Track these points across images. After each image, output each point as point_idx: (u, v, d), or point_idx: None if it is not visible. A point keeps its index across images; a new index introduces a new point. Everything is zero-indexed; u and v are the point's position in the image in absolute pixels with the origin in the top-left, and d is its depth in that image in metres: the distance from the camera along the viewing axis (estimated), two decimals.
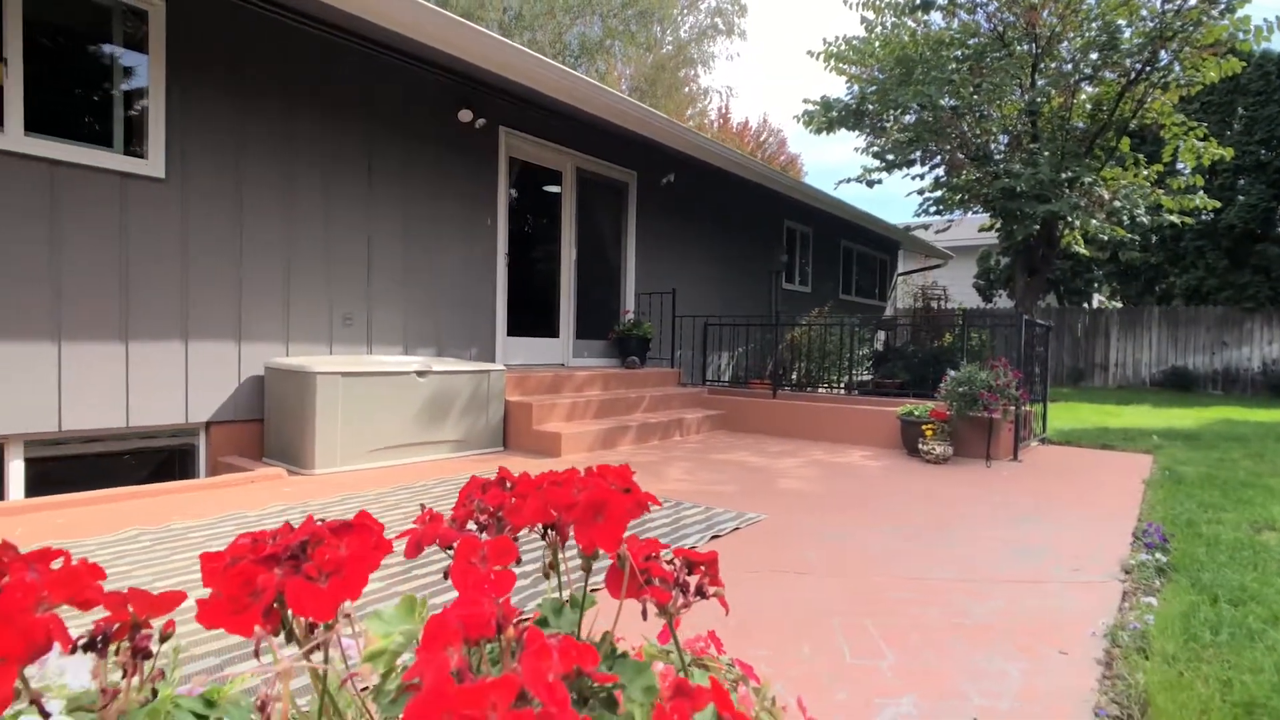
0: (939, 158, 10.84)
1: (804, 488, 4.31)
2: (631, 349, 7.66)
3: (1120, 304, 17.98)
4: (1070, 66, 9.71)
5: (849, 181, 11.22)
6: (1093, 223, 9.26)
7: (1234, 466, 5.28)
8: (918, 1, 9.90)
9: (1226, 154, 9.69)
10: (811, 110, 11.03)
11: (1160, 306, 15.70)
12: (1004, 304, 17.93)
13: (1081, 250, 11.28)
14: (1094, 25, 9.25)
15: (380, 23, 4.73)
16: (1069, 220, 9.52)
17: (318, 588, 0.48)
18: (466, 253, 6.15)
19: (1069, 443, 6.44)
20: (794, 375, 8.81)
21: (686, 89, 21.83)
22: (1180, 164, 10.47)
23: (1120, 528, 3.41)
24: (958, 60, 9.74)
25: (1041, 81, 9.68)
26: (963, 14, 10.10)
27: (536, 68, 5.71)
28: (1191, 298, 15.36)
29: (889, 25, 10.54)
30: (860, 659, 1.94)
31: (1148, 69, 9.24)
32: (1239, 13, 8.59)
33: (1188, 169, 10.25)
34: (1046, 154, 9.39)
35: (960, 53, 9.90)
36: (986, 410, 5.23)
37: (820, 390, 7.96)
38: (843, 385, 8.01)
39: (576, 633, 0.68)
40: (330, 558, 0.50)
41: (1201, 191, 10.02)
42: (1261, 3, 13.00)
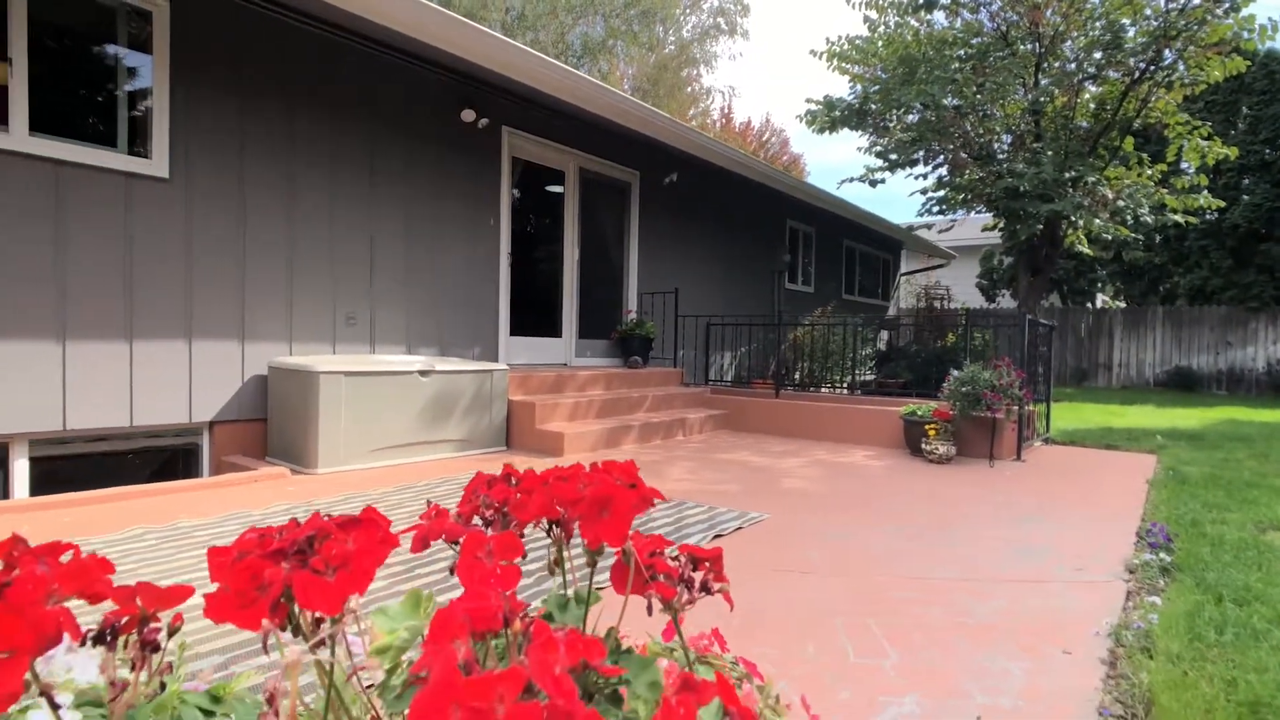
0: (942, 157, 10.82)
1: (807, 487, 4.31)
2: (634, 349, 7.67)
3: (1124, 304, 17.94)
4: (1074, 66, 9.69)
5: (852, 181, 11.21)
6: (1096, 222, 9.24)
7: (1238, 467, 5.27)
8: (921, 1, 9.89)
9: (1231, 153, 9.66)
10: (814, 110, 11.03)
11: (1164, 306, 15.66)
12: (1007, 304, 17.90)
13: (1085, 250, 11.26)
14: (1098, 24, 9.24)
15: (383, 22, 4.74)
16: (1072, 220, 9.50)
17: (325, 581, 0.48)
18: (469, 252, 6.15)
19: (1072, 443, 6.43)
20: (797, 375, 8.81)
21: (689, 89, 21.83)
22: (1184, 163, 10.44)
23: (1124, 528, 3.41)
24: (961, 59, 9.73)
25: (1045, 81, 9.66)
26: (966, 13, 10.10)
27: (539, 67, 5.71)
28: (1195, 297, 15.32)
29: (892, 24, 10.53)
30: (863, 658, 1.93)
31: (1152, 68, 9.22)
32: (1243, 11, 8.57)
33: (1192, 168, 10.22)
34: (1050, 153, 9.37)
35: (963, 52, 9.89)
36: (990, 410, 5.22)
37: (823, 390, 7.96)
38: (845, 385, 8.00)
39: (582, 628, 0.68)
40: (337, 552, 0.50)
41: (1206, 191, 9.99)
42: (1265, 2, 12.97)
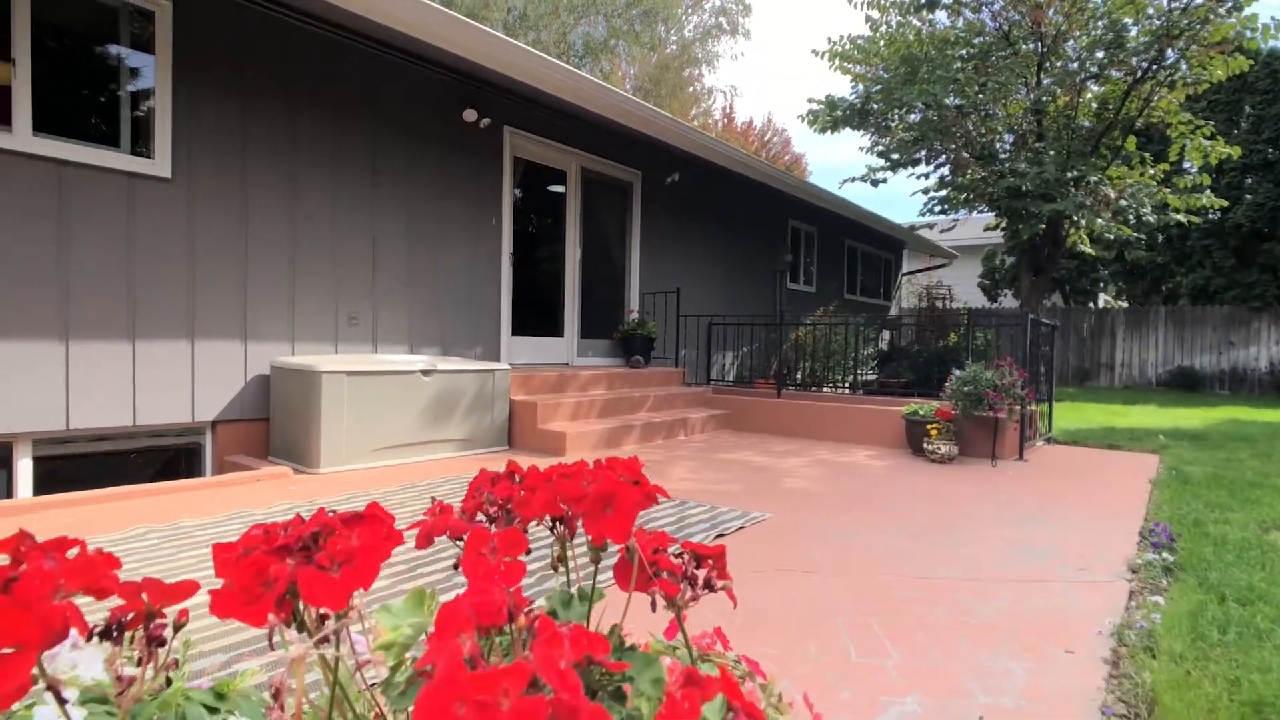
0: (944, 157, 10.82)
1: (809, 487, 4.31)
2: (636, 348, 7.67)
3: (1126, 303, 17.91)
4: (1076, 65, 9.68)
5: (853, 181, 11.20)
6: (1098, 222, 9.23)
7: (1241, 466, 5.26)
8: (923, 0, 9.89)
9: (1234, 152, 9.64)
10: (816, 109, 11.03)
11: (1166, 306, 15.63)
12: (1009, 303, 17.88)
13: (1087, 249, 11.25)
14: (1100, 23, 9.22)
15: (385, 22, 4.75)
16: (1074, 219, 9.49)
17: (330, 577, 0.48)
18: (471, 252, 6.16)
19: (1075, 442, 6.42)
20: (798, 375, 8.80)
21: (691, 89, 21.82)
22: (1187, 162, 10.42)
23: (1126, 527, 3.40)
24: (963, 59, 9.72)
25: (1047, 80, 9.64)
26: (968, 13, 10.09)
27: (541, 67, 5.71)
28: (1198, 297, 15.29)
29: (894, 24, 10.53)
30: (865, 657, 1.93)
31: (1154, 67, 9.21)
32: (1246, 10, 8.55)
33: (1194, 167, 10.19)
34: (1052, 153, 9.36)
35: (965, 51, 9.88)
36: (992, 410, 5.21)
37: (825, 390, 7.95)
38: (847, 385, 7.99)
39: (585, 625, 0.68)
40: (342, 548, 0.50)
41: (1208, 190, 9.98)
42: (1267, 1, 12.94)
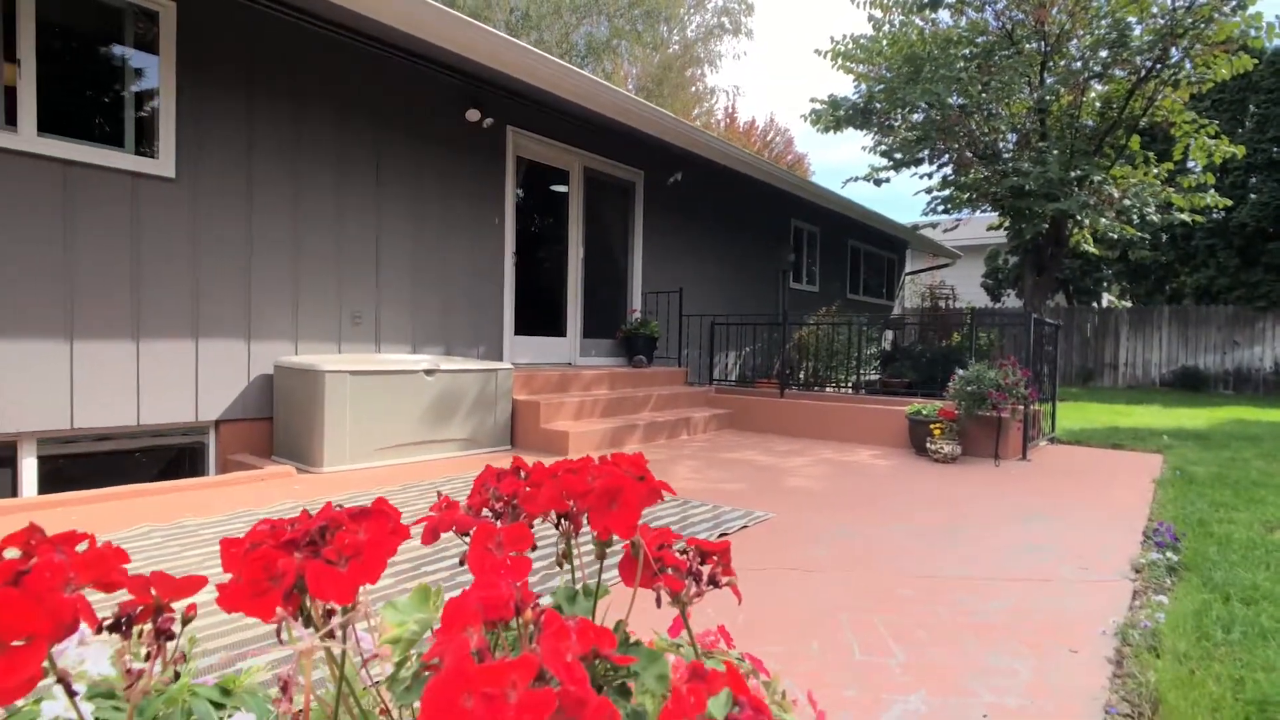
0: (947, 156, 10.81)
1: (812, 486, 4.30)
2: (638, 348, 7.67)
3: (1130, 303, 17.87)
4: (1080, 64, 9.67)
5: (856, 180, 11.21)
6: (1102, 221, 9.21)
7: (1246, 466, 5.24)
8: (925, 0, 9.88)
9: (1238, 152, 9.62)
10: (819, 109, 11.03)
11: (1170, 306, 15.59)
12: (1012, 303, 17.86)
13: (1091, 249, 11.23)
14: (1104, 22, 9.21)
15: (389, 22, 4.75)
16: (1078, 219, 9.48)
17: (337, 571, 0.49)
18: (474, 252, 6.16)
19: (1078, 442, 6.40)
20: (801, 374, 8.80)
21: (693, 88, 21.81)
22: (1191, 162, 10.40)
23: (1130, 527, 3.40)
24: (966, 58, 9.71)
25: (1050, 79, 9.64)
26: (971, 12, 10.08)
27: (543, 67, 5.72)
28: (1202, 297, 15.24)
29: (897, 23, 10.53)
30: (869, 656, 1.93)
31: (1158, 66, 9.19)
32: (1250, 9, 8.54)
33: (1199, 167, 10.17)
34: (1055, 152, 9.34)
35: (968, 51, 9.87)
36: (995, 409, 5.20)
37: (828, 389, 7.95)
38: (850, 385, 7.99)
39: (591, 620, 0.68)
40: (349, 542, 0.50)
41: (1212, 190, 9.96)
42: (1273, 1, 12.92)
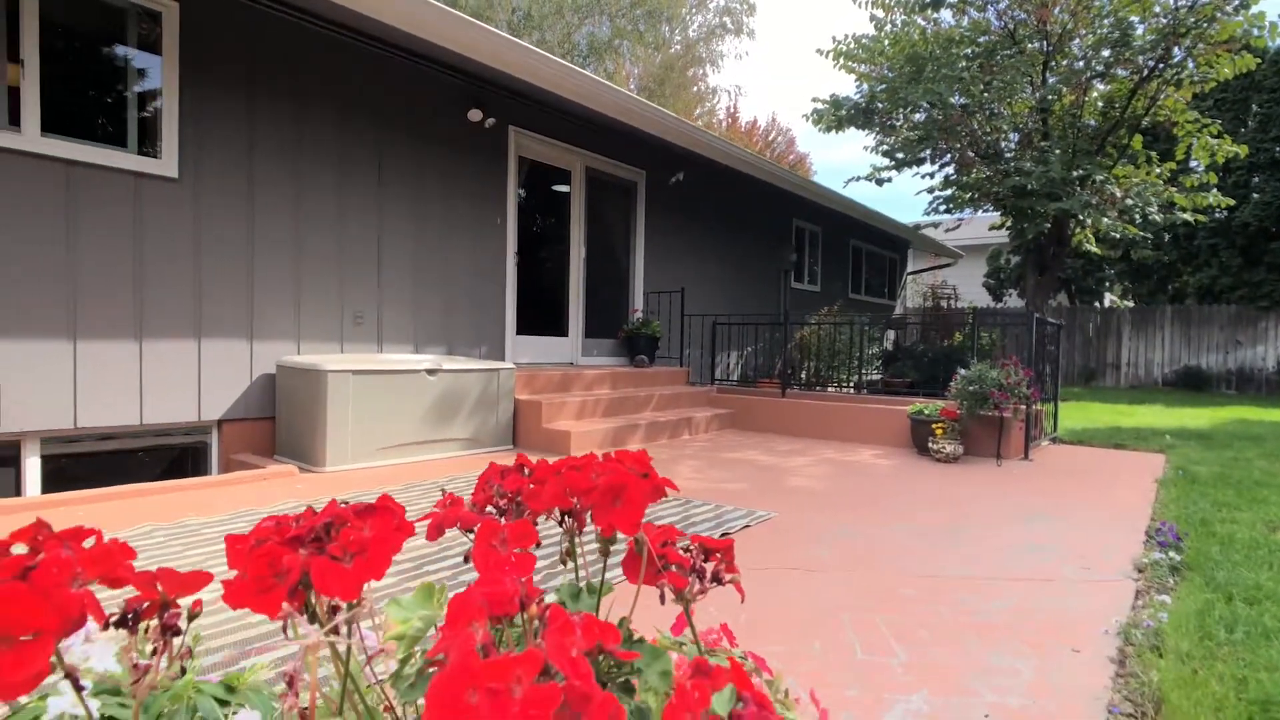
0: (949, 156, 10.80)
1: (814, 486, 4.30)
2: (640, 348, 7.67)
3: (1132, 303, 17.84)
4: (1082, 64, 9.65)
5: (858, 180, 11.21)
6: (1104, 221, 9.20)
7: (1248, 466, 5.23)
8: None
9: (1241, 151, 9.61)
10: (821, 108, 11.03)
11: (1173, 305, 15.56)
12: (1014, 303, 17.84)
13: (1093, 249, 11.21)
14: (1106, 22, 9.20)
15: (391, 22, 4.75)
16: (1080, 218, 9.47)
17: (342, 567, 0.49)
18: (476, 252, 6.17)
19: (1080, 442, 6.39)
20: (803, 374, 8.79)
21: (695, 88, 21.80)
22: (1194, 161, 10.38)
23: (1133, 526, 3.39)
24: (968, 58, 9.71)
25: (1053, 79, 9.62)
26: (973, 11, 10.07)
27: (545, 66, 5.72)
28: (1205, 297, 15.21)
29: (899, 23, 10.52)
30: (871, 655, 1.93)
31: (1161, 66, 9.18)
32: (1253, 9, 8.52)
33: (1201, 166, 10.16)
34: (1058, 152, 9.33)
35: (971, 50, 9.87)
36: (997, 409, 5.20)
37: (829, 389, 7.94)
38: (852, 384, 7.98)
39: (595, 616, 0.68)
40: (355, 538, 0.51)
41: (1215, 189, 9.94)
42: (1275, 0, 12.91)
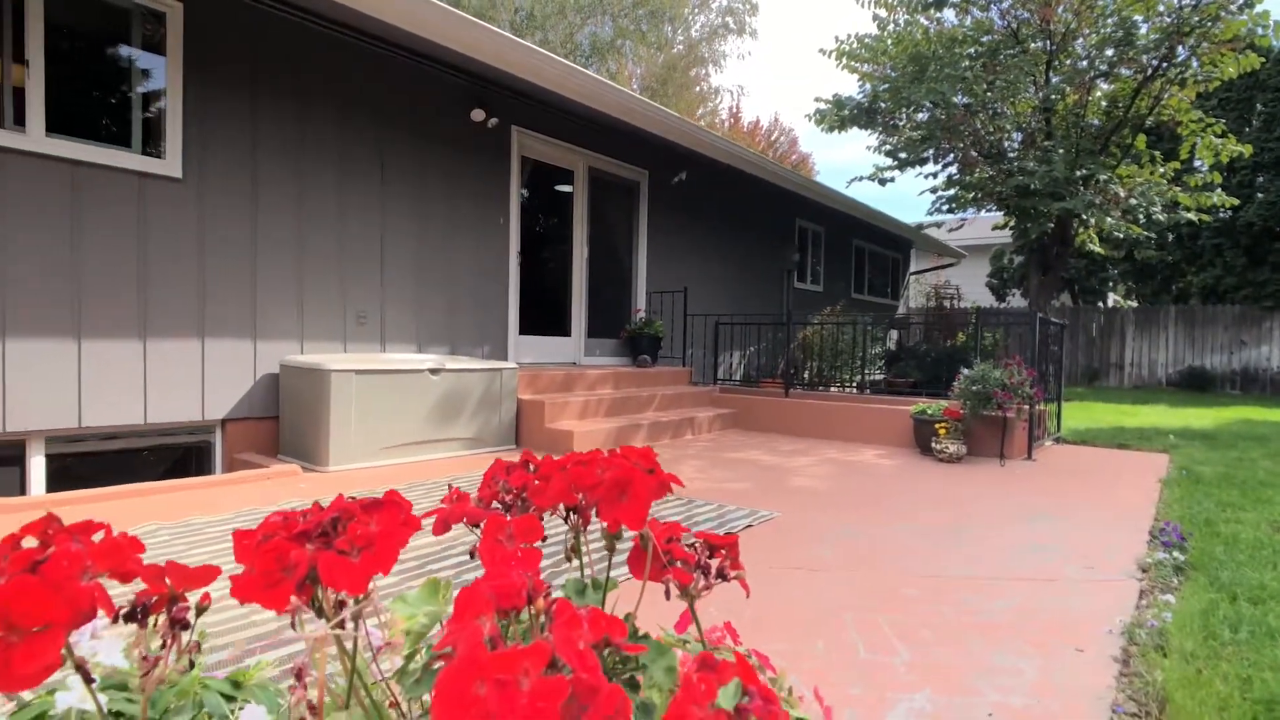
0: (952, 155, 10.78)
1: (817, 486, 4.30)
2: (643, 348, 7.67)
3: (1136, 303, 17.80)
4: (1085, 63, 9.63)
5: (861, 180, 11.20)
6: (1108, 220, 9.18)
7: (1253, 466, 5.22)
8: None
9: (1245, 150, 9.57)
10: (824, 108, 11.02)
11: (1177, 305, 15.52)
12: (1018, 303, 17.81)
13: (1096, 249, 11.19)
14: (1110, 21, 9.18)
15: (393, 21, 4.76)
16: (1084, 218, 9.45)
17: (350, 561, 0.49)
18: (479, 251, 6.17)
19: (1084, 442, 6.38)
20: (806, 374, 8.79)
21: (697, 88, 21.80)
22: (1198, 161, 10.36)
23: (1136, 526, 3.38)
24: (971, 57, 9.69)
25: (1056, 78, 9.60)
26: (976, 11, 10.05)
27: (549, 67, 5.72)
28: (1209, 296, 15.17)
29: (901, 23, 10.51)
30: (874, 654, 1.93)
31: (1164, 65, 9.15)
32: (1258, 8, 8.50)
33: (1205, 166, 10.14)
34: (1061, 151, 9.31)
35: (974, 50, 9.85)
36: (1000, 409, 5.19)
37: (833, 389, 7.93)
38: (855, 384, 7.97)
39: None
40: (362, 533, 0.51)
41: (1219, 189, 9.92)
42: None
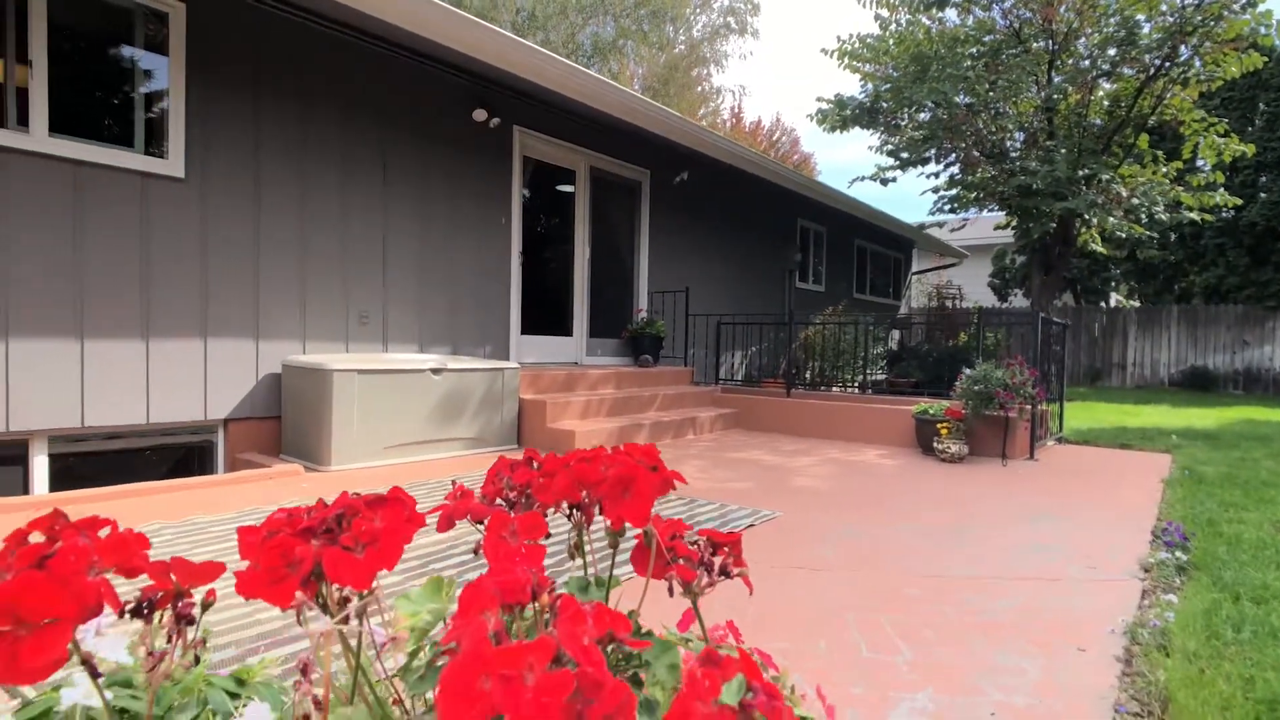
0: (954, 155, 10.77)
1: (819, 485, 4.30)
2: (644, 347, 7.67)
3: (1138, 303, 17.77)
4: (1088, 63, 9.62)
5: (863, 180, 11.19)
6: (1110, 220, 9.17)
7: (1256, 466, 5.21)
8: None
9: (1248, 150, 9.56)
10: (826, 108, 11.01)
11: (1179, 305, 15.49)
12: (1020, 303, 17.79)
13: (1099, 248, 11.17)
14: (1112, 20, 9.17)
15: (395, 21, 4.77)
16: (1086, 218, 9.43)
17: (355, 557, 0.49)
18: (481, 251, 6.18)
19: (1086, 442, 6.37)
20: (808, 374, 8.78)
21: (699, 88, 21.80)
22: (1200, 160, 10.34)
23: (1139, 526, 3.38)
24: (973, 57, 9.68)
25: (1058, 78, 9.59)
26: (978, 10, 10.04)
27: (551, 67, 5.73)
28: (1211, 296, 15.14)
29: (903, 22, 10.50)
30: (876, 654, 1.93)
31: (1167, 64, 9.14)
32: (1260, 7, 8.48)
33: (1208, 165, 10.12)
34: (1063, 151, 9.30)
35: (976, 50, 9.84)
36: (1002, 409, 5.18)
37: (834, 389, 7.93)
38: (857, 384, 7.97)
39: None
40: (366, 529, 0.51)
41: (1222, 188, 9.90)
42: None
